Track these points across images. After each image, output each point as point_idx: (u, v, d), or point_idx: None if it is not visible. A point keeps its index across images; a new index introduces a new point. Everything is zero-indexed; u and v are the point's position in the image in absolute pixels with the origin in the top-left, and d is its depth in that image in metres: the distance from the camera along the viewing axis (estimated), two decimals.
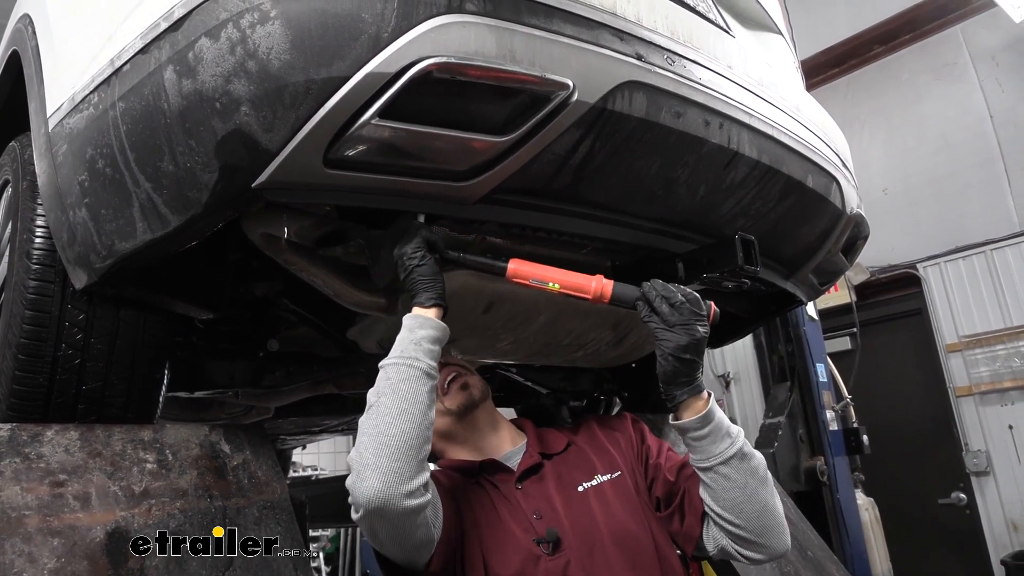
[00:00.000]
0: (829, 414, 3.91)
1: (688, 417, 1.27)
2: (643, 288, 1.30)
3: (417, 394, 1.18)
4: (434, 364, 1.22)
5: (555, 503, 1.39)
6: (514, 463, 1.48)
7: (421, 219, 1.32)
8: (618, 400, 2.87)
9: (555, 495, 1.40)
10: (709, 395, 1.29)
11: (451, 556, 1.29)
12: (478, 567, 1.32)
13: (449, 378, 1.51)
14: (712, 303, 1.30)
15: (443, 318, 1.28)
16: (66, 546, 1.17)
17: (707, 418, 1.27)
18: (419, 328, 1.23)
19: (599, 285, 1.32)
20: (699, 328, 1.25)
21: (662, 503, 1.42)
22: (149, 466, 1.35)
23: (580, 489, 1.41)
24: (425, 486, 1.17)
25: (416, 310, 1.26)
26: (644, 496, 1.44)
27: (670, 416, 1.32)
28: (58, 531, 1.18)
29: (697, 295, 1.28)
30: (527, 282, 1.34)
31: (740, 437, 1.28)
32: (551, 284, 1.33)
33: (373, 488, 1.11)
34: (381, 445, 1.13)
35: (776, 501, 1.30)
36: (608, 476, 1.45)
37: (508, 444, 1.52)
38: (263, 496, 1.47)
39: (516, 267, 1.34)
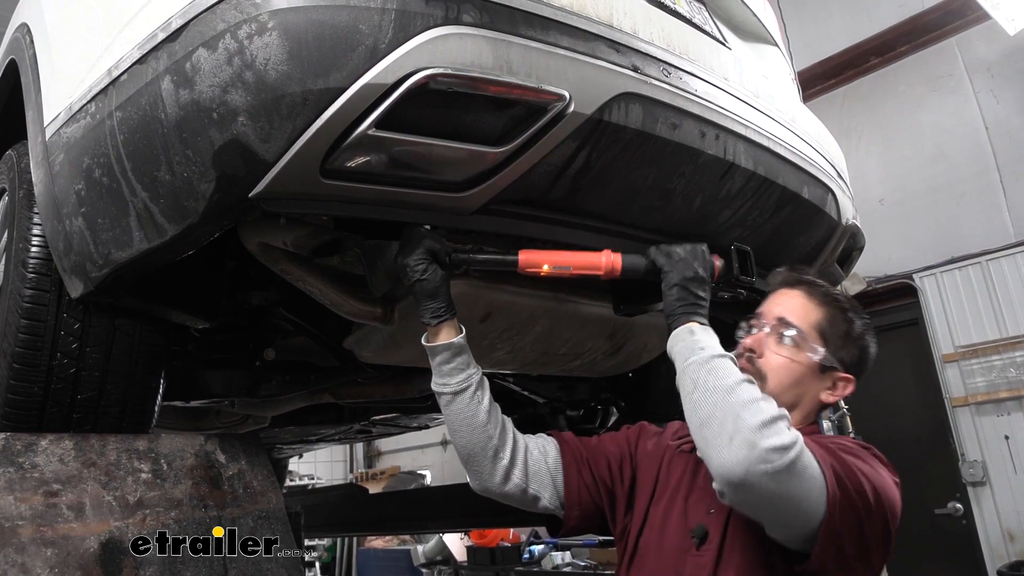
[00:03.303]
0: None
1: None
2: (648, 251, 1.37)
3: (452, 414, 1.36)
4: (453, 379, 1.34)
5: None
6: None
7: (427, 227, 1.32)
8: (615, 410, 2.86)
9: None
10: (704, 327, 1.28)
11: (592, 508, 1.45)
12: (636, 522, 1.39)
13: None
14: (716, 256, 1.38)
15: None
16: (60, 556, 1.17)
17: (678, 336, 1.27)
18: (429, 357, 1.35)
19: (608, 260, 1.36)
20: (699, 269, 1.33)
21: None
22: (144, 476, 1.34)
23: None
24: (507, 474, 1.37)
25: (424, 334, 1.35)
26: None
27: None
28: (52, 541, 1.18)
29: (698, 247, 1.36)
30: (540, 270, 1.35)
31: (707, 351, 1.21)
32: (565, 268, 1.35)
33: (473, 487, 1.41)
34: (459, 456, 1.40)
35: (730, 414, 1.10)
36: None
37: None
38: (258, 506, 1.47)
39: (527, 257, 1.35)
